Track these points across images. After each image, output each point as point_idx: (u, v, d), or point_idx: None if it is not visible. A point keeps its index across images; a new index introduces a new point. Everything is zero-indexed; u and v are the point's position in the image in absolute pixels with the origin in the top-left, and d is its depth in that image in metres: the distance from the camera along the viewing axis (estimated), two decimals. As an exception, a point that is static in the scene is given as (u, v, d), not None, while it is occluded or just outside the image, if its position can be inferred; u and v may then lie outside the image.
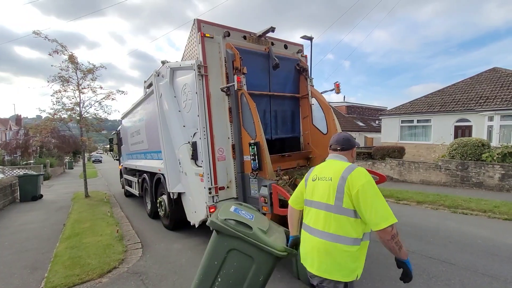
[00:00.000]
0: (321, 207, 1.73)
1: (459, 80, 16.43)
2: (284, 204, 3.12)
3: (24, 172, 10.25)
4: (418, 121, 15.75)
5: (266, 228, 2.30)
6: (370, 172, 4.44)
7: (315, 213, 1.78)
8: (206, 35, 3.83)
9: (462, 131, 13.91)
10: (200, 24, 3.87)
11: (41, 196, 9.86)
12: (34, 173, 10.32)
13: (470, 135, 13.17)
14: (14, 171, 11.74)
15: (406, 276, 1.67)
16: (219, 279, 2.21)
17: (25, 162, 17.28)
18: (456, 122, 14.13)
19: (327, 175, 1.77)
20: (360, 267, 1.69)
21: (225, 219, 2.17)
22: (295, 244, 2.08)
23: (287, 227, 3.39)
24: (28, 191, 9.43)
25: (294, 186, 4.01)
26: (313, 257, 1.73)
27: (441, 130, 14.42)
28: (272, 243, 2.12)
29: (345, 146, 1.87)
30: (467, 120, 13.71)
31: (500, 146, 9.96)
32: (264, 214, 3.41)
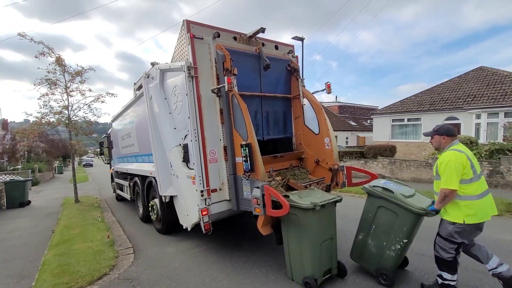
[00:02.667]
0: (482, 173, 2.71)
1: (444, 79, 16.80)
2: (276, 205, 3.10)
3: (11, 178, 9.93)
4: (408, 120, 16.02)
5: (410, 194, 3.09)
6: (361, 171, 4.49)
7: (483, 179, 2.61)
8: (196, 36, 3.79)
9: (451, 129, 14.21)
10: (189, 25, 3.83)
11: (29, 202, 9.60)
12: (21, 178, 10.02)
13: (458, 132, 13.46)
14: (1, 177, 11.39)
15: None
16: (374, 226, 3.25)
17: (12, 168, 16.80)
18: (445, 120, 14.42)
19: (472, 153, 2.66)
20: None
21: (374, 186, 3.25)
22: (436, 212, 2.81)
23: (279, 228, 3.39)
24: (15, 198, 9.17)
25: (287, 186, 4.01)
26: (491, 206, 2.59)
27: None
28: (411, 203, 2.91)
29: None
30: (456, 118, 14.01)
31: (487, 143, 10.21)
32: (257, 216, 3.40)
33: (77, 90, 8.96)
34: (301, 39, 14.29)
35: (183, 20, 3.88)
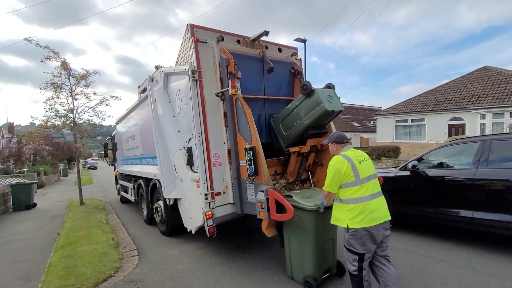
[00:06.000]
0: (373, 177, 2.65)
1: (444, 80, 16.75)
2: (281, 208, 3.11)
3: (17, 181, 10.05)
4: (412, 120, 15.92)
5: (308, 196, 3.28)
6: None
7: (372, 183, 2.61)
8: (200, 40, 3.82)
9: (455, 129, 14.10)
10: (193, 29, 3.86)
11: (35, 204, 9.70)
12: (27, 181, 10.14)
13: (463, 133, 13.35)
14: (7, 179, 11.54)
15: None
16: (290, 235, 3.29)
17: (18, 171, 16.98)
18: (450, 120, 14.32)
19: (364, 156, 2.74)
20: None
21: (284, 195, 3.29)
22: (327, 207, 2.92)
23: (282, 231, 3.39)
24: (21, 200, 9.26)
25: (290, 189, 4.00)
26: (381, 210, 2.56)
27: (435, 129, 14.59)
28: (304, 203, 3.05)
29: None
30: (460, 119, 13.91)
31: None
32: (261, 219, 3.41)
33: (82, 94, 9.06)
34: (304, 41, 14.29)
35: (187, 24, 3.91)
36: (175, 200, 4.66)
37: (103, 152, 13.51)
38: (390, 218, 2.58)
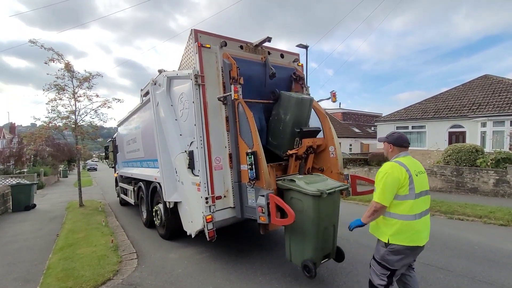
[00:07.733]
0: (425, 193, 2.34)
1: (443, 87, 16.83)
2: (282, 214, 3.12)
3: (17, 181, 10.05)
4: (413, 127, 15.95)
5: (313, 181, 3.28)
6: (364, 179, 4.47)
7: (424, 199, 2.32)
8: (204, 45, 3.86)
9: (456, 137, 14.11)
10: (197, 34, 3.91)
11: (35, 205, 9.69)
12: (27, 182, 10.14)
13: (464, 141, 13.36)
14: (7, 180, 11.53)
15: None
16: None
17: (18, 171, 16.99)
18: (450, 128, 14.34)
19: (421, 169, 2.37)
20: None
21: (284, 179, 3.50)
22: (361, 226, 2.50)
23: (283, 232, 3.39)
24: (21, 201, 9.26)
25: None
26: (426, 231, 2.32)
27: (435, 136, 14.61)
28: (308, 188, 3.03)
29: None
30: (461, 126, 13.93)
31: (493, 151, 10.11)
32: (260, 224, 3.43)
33: (84, 96, 9.12)
34: (305, 47, 14.41)
35: (191, 29, 3.96)
36: (175, 204, 4.66)
37: (103, 154, 13.53)
38: (428, 239, 2.35)
